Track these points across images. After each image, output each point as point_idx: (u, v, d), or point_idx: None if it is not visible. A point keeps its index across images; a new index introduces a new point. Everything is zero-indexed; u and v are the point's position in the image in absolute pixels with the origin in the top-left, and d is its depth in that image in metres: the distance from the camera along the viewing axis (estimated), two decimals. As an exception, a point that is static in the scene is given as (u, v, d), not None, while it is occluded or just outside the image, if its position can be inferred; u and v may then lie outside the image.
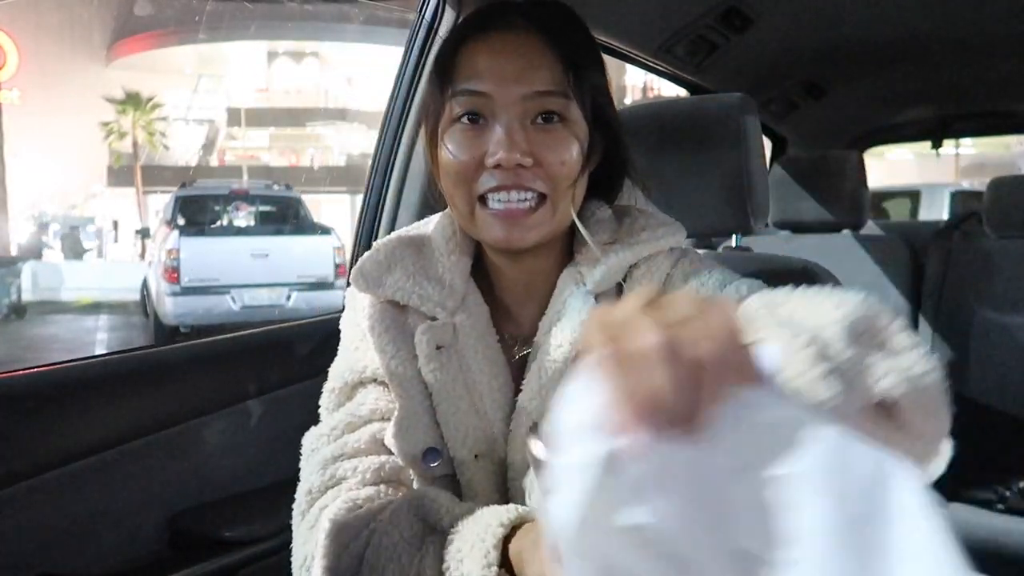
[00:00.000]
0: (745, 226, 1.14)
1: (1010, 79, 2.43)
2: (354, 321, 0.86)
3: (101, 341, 9.72)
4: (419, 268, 0.83)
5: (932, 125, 3.09)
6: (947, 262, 2.22)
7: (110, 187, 24.57)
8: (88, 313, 11.88)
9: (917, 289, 2.26)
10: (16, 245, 16.53)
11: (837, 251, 2.23)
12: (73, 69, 25.06)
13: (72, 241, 17.40)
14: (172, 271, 8.03)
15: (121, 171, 24.39)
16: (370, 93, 25.28)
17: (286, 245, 8.69)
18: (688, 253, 0.84)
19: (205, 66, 26.88)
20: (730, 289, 0.77)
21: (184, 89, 26.60)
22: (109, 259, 19.13)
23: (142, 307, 10.26)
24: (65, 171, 24.93)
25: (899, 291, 2.26)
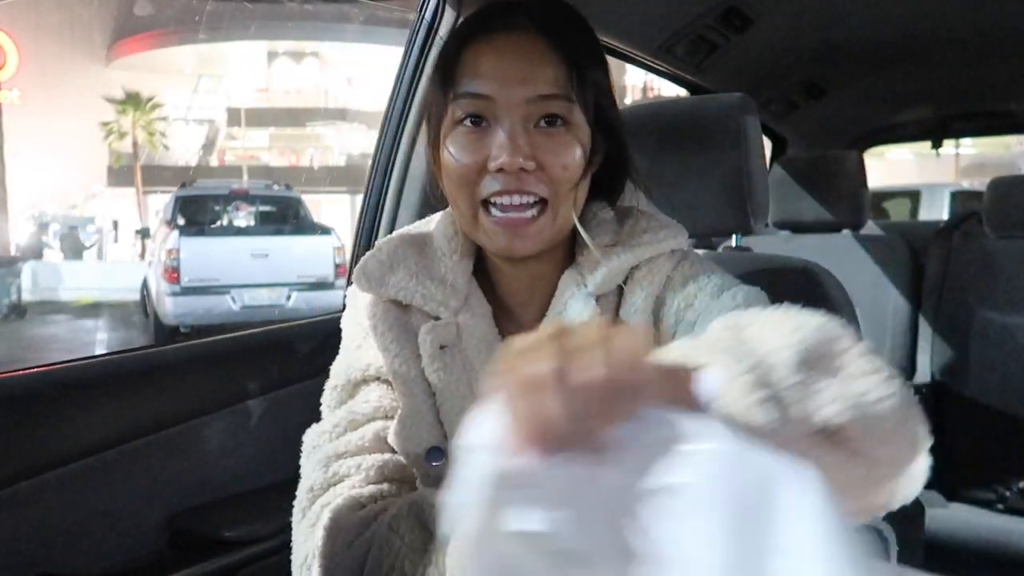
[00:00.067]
0: (745, 226, 1.13)
1: (1010, 79, 2.43)
2: (355, 319, 0.86)
3: (101, 341, 9.71)
4: (422, 268, 0.82)
5: (932, 125, 3.09)
6: (947, 262, 2.22)
7: (110, 187, 24.54)
8: (88, 313, 11.87)
9: (917, 289, 2.26)
10: (16, 245, 16.50)
11: (837, 251, 2.23)
12: (73, 69, 25.03)
13: (71, 241, 17.37)
14: (172, 271, 8.03)
15: (121, 171, 24.37)
16: (370, 93, 25.24)
17: (286, 245, 8.69)
18: (689, 255, 0.83)
19: (205, 66, 26.86)
20: (726, 296, 0.76)
21: (184, 89, 26.58)
22: (109, 259, 19.11)
23: (142, 307, 10.26)
24: (65, 171, 24.89)
25: (899, 291, 2.26)
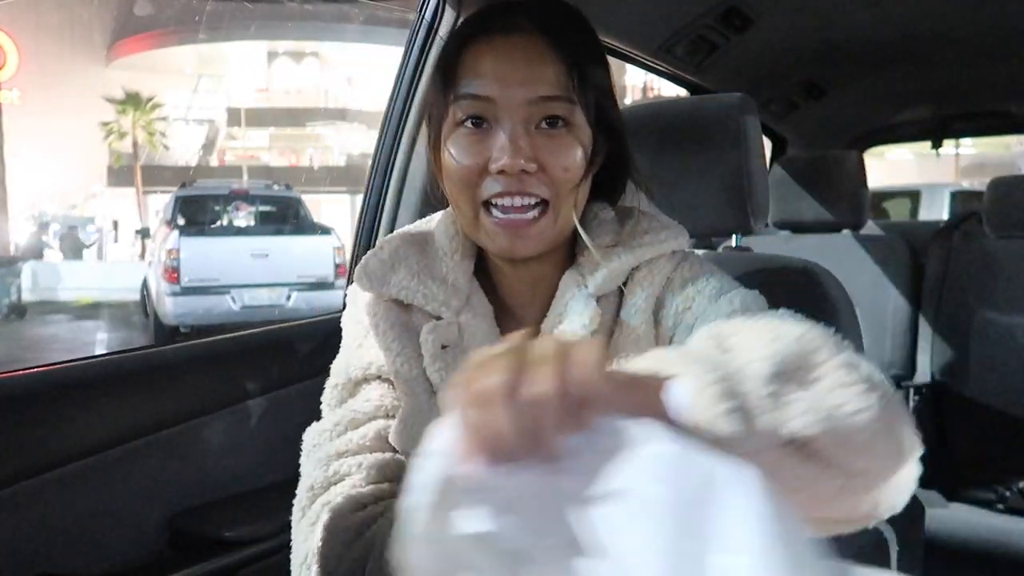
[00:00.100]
0: (745, 226, 1.13)
1: (1010, 79, 2.43)
2: (356, 317, 0.86)
3: (101, 341, 9.71)
4: (423, 267, 0.82)
5: (932, 125, 3.09)
6: (947, 262, 2.22)
7: (110, 187, 24.53)
8: (88, 313, 11.87)
9: (917, 289, 2.26)
10: (16, 245, 16.49)
11: (837, 251, 2.23)
12: (73, 69, 25.02)
13: (71, 240, 17.35)
14: (172, 271, 8.03)
15: (121, 171, 24.36)
16: (370, 93, 25.24)
17: (286, 245, 8.69)
18: (689, 257, 0.83)
19: (205, 66, 26.85)
20: (723, 300, 0.76)
21: (184, 89, 26.57)
22: (109, 259, 19.11)
23: (142, 307, 10.26)
24: (65, 171, 24.88)
25: (899, 291, 2.26)
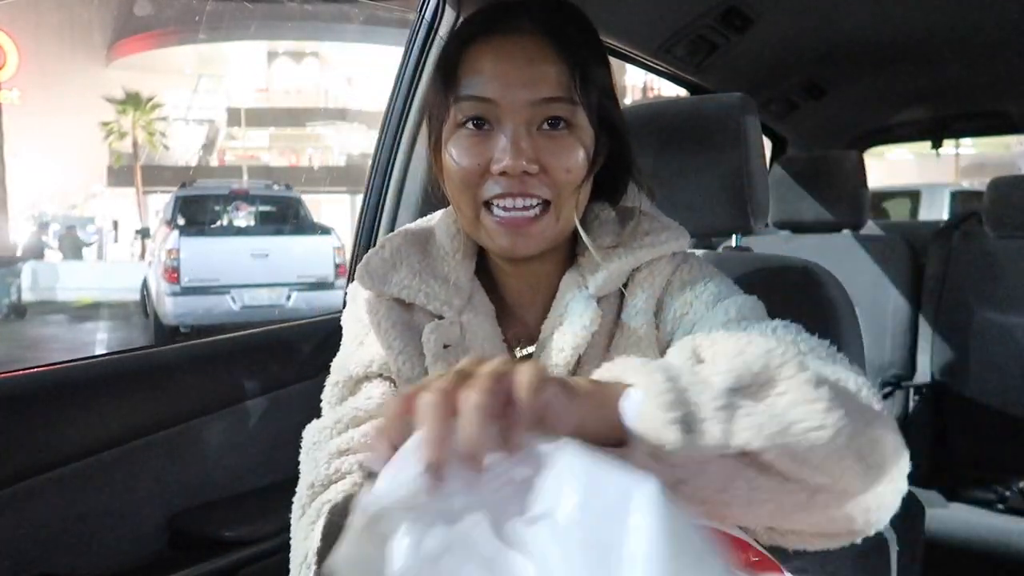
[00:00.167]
0: (745, 226, 1.13)
1: (1010, 79, 2.43)
2: (357, 315, 0.86)
3: (101, 341, 9.71)
4: (425, 266, 0.82)
5: (932, 125, 3.09)
6: (947, 262, 2.22)
7: (110, 187, 24.55)
8: (88, 313, 11.87)
9: (917, 289, 2.26)
10: (16, 245, 16.49)
11: (837, 251, 2.23)
12: (73, 69, 25.04)
13: (70, 240, 17.34)
14: (172, 271, 8.03)
15: (121, 171, 24.37)
16: (370, 93, 25.25)
17: (286, 245, 8.69)
18: (689, 259, 0.83)
19: (205, 66, 26.86)
20: (720, 308, 0.76)
21: (184, 89, 26.58)
22: (109, 259, 19.10)
23: (142, 307, 10.26)
24: (65, 171, 24.90)
25: (899, 291, 2.26)
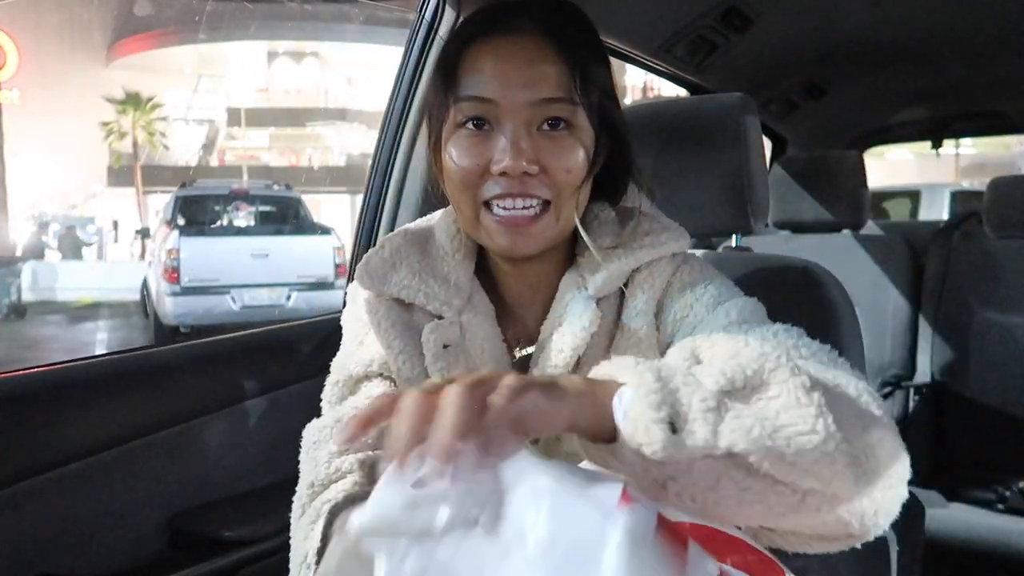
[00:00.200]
0: (745, 226, 1.13)
1: (1010, 79, 2.43)
2: (356, 315, 0.86)
3: (101, 341, 9.71)
4: (425, 266, 0.82)
5: (932, 125, 3.09)
6: (947, 262, 2.22)
7: (110, 187, 24.54)
8: (88, 313, 11.87)
9: (917, 289, 2.26)
10: (16, 245, 16.48)
11: (837, 251, 2.23)
12: (73, 69, 25.03)
13: (69, 240, 17.31)
14: (172, 271, 8.03)
15: (121, 171, 24.37)
16: (370, 93, 25.24)
17: (286, 245, 8.69)
18: (689, 260, 0.82)
19: (205, 66, 26.85)
20: (720, 311, 0.75)
21: (184, 89, 26.57)
22: (109, 259, 19.10)
23: (142, 307, 10.25)
24: (65, 171, 24.89)
25: (899, 291, 2.26)
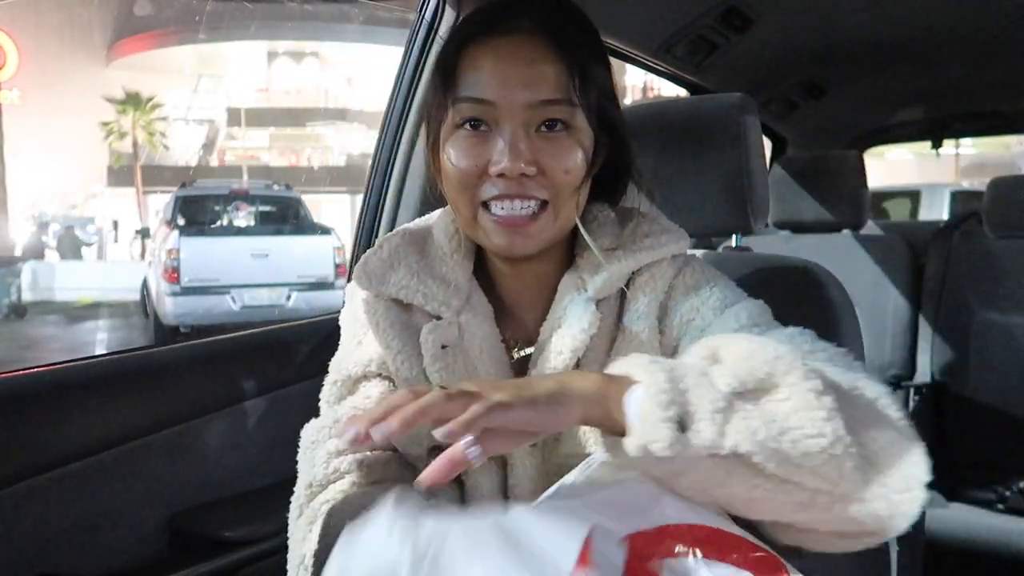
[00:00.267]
0: (745, 226, 1.13)
1: (1010, 79, 2.42)
2: (355, 314, 0.86)
3: (101, 341, 9.71)
4: (423, 267, 0.82)
5: (932, 125, 3.08)
6: (947, 262, 2.22)
7: (110, 187, 24.54)
8: (88, 313, 11.87)
9: (917, 289, 2.26)
10: (16, 245, 16.48)
11: (837, 251, 2.23)
12: (73, 69, 25.03)
13: (69, 240, 17.30)
14: (172, 271, 8.03)
15: (121, 171, 24.36)
16: (370, 93, 25.24)
17: (286, 245, 8.69)
18: (691, 262, 0.82)
19: (205, 66, 26.85)
20: (730, 314, 0.75)
21: (184, 89, 26.57)
22: (109, 259, 19.10)
23: (142, 307, 10.25)
24: (65, 171, 24.88)
25: (899, 291, 2.26)
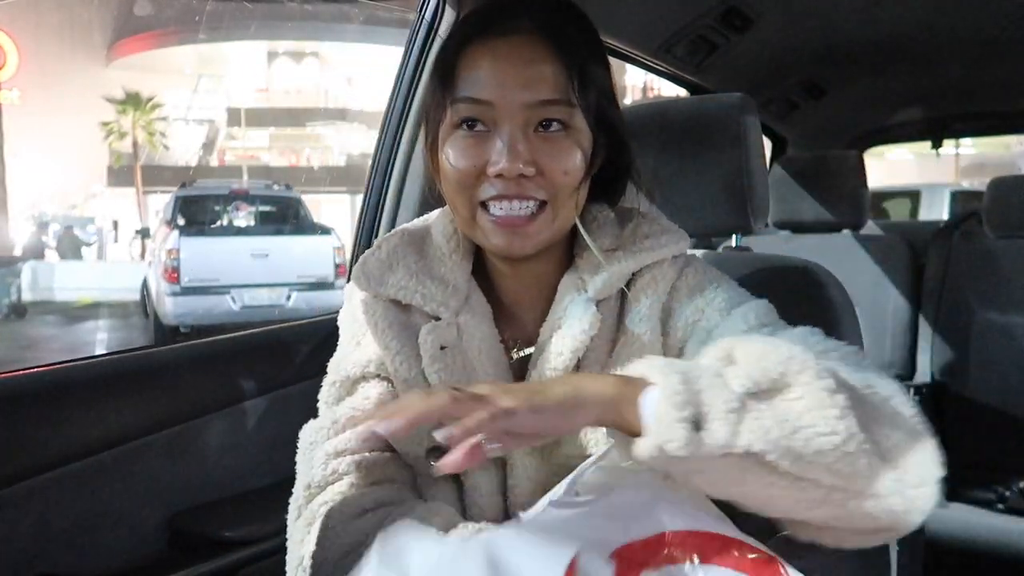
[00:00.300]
0: (745, 226, 1.13)
1: (1010, 79, 2.42)
2: (354, 315, 0.85)
3: (101, 341, 9.71)
4: (422, 267, 0.82)
5: (932, 125, 3.08)
6: (947, 262, 2.22)
7: (110, 187, 24.54)
8: (88, 313, 11.87)
9: (917, 289, 2.26)
10: (16, 245, 16.48)
11: (837, 251, 2.23)
12: (73, 69, 25.04)
13: (68, 240, 17.29)
14: (172, 271, 8.03)
15: (121, 171, 24.37)
16: (370, 93, 25.25)
17: (286, 245, 8.69)
18: (692, 263, 0.82)
19: (205, 66, 26.85)
20: (737, 315, 0.75)
21: (184, 89, 26.58)
22: (109, 259, 19.09)
23: (142, 307, 10.25)
24: (65, 171, 24.89)
25: (899, 291, 2.26)
